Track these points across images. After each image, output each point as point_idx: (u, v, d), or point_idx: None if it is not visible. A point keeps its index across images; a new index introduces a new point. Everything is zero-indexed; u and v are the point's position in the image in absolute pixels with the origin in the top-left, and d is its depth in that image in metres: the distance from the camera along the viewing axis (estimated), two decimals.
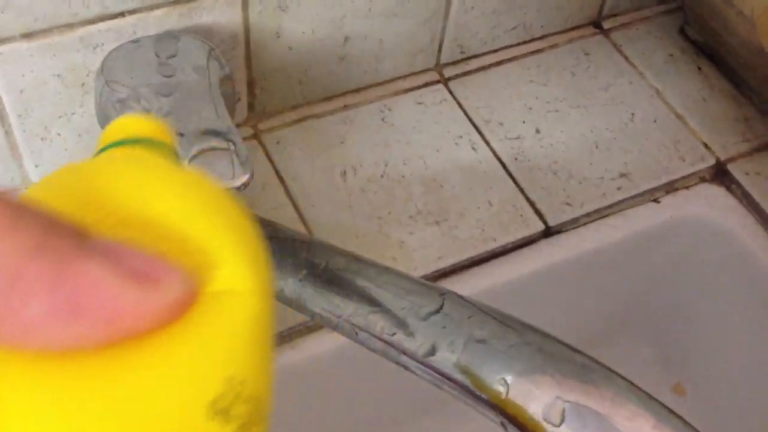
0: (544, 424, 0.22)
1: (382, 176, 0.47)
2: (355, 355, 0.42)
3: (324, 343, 0.41)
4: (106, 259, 0.14)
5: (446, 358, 0.25)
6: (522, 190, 0.47)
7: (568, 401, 0.22)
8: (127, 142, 0.22)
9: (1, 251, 0.13)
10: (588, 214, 0.47)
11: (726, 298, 0.50)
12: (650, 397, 0.22)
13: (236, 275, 0.17)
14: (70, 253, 0.14)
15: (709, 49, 0.54)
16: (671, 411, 0.22)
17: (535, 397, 0.23)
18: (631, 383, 0.23)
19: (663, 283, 0.51)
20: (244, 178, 0.28)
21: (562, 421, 0.22)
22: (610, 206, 0.47)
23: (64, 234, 0.14)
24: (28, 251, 0.13)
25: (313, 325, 0.41)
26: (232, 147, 0.29)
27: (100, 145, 0.23)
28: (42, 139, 0.42)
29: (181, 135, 0.29)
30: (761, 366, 0.49)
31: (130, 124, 0.23)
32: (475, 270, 0.44)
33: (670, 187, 0.49)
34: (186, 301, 0.15)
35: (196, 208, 0.18)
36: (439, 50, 0.51)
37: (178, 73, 0.32)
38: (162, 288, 0.14)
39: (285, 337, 0.41)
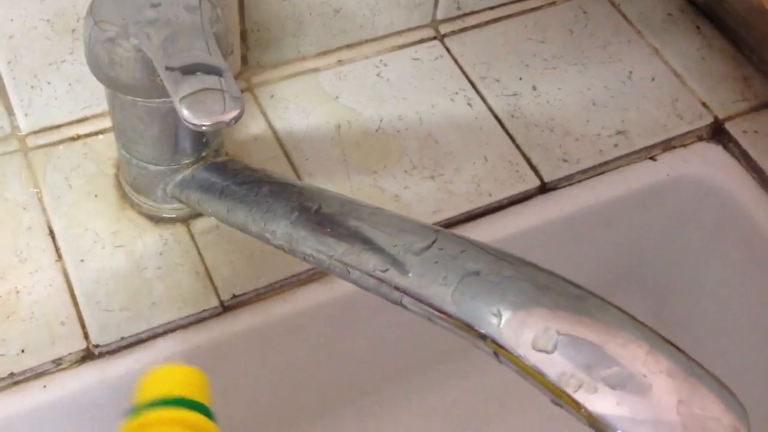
0: (537, 353, 0.22)
1: (377, 131, 0.46)
2: (347, 308, 0.42)
3: (316, 296, 0.41)
4: None
5: (440, 292, 0.25)
6: (518, 146, 0.46)
7: (562, 330, 0.22)
8: (164, 403, 0.25)
9: None
10: (584, 171, 0.46)
11: (722, 258, 0.49)
12: (644, 325, 0.22)
13: None
14: None
15: (708, 8, 0.54)
16: (665, 339, 0.22)
17: (528, 327, 0.22)
18: (625, 312, 0.22)
19: (659, 242, 0.51)
20: (235, 113, 0.28)
21: (555, 349, 0.22)
22: (607, 163, 0.47)
23: None
24: None
25: (305, 278, 0.41)
26: (223, 82, 0.28)
27: (142, 397, 0.26)
28: (32, 87, 0.41)
29: (171, 70, 0.29)
30: (757, 326, 0.49)
31: (169, 379, 0.26)
32: (471, 225, 0.44)
33: (668, 145, 0.48)
34: None
35: None
36: (436, 6, 0.50)
37: (170, 12, 0.31)
38: None
39: (276, 289, 0.41)
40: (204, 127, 0.27)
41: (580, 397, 0.21)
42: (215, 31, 0.32)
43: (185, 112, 0.28)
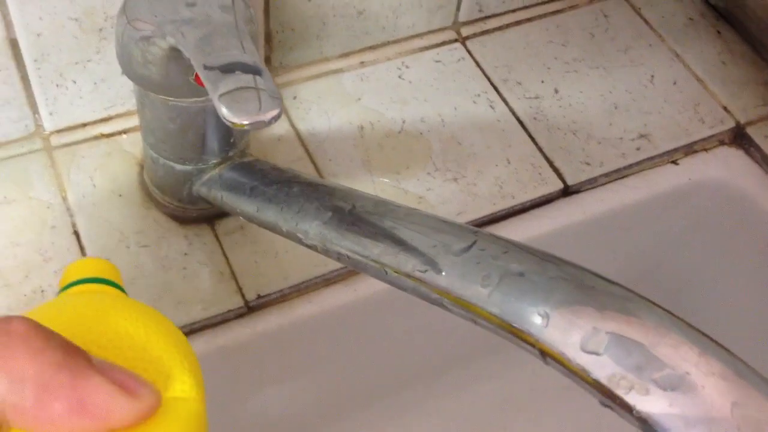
0: (586, 355, 0.22)
1: (399, 132, 0.46)
2: (371, 310, 0.42)
3: (340, 297, 0.41)
4: (104, 375, 0.20)
5: (481, 293, 0.25)
6: (540, 149, 0.46)
7: (610, 331, 0.22)
8: (86, 281, 0.30)
9: (36, 366, 0.19)
10: (607, 174, 0.46)
11: (742, 262, 0.49)
12: (692, 327, 0.22)
13: (184, 385, 0.24)
14: (81, 370, 0.20)
15: (729, 13, 0.54)
16: (715, 341, 0.22)
17: (576, 327, 0.22)
18: (673, 314, 0.22)
19: (679, 245, 0.51)
20: (274, 113, 0.27)
21: (604, 350, 0.22)
22: (629, 167, 0.47)
23: (76, 355, 0.20)
24: (54, 367, 0.20)
25: (330, 279, 0.41)
26: (260, 81, 0.28)
27: (64, 282, 0.30)
28: (57, 86, 0.41)
29: (209, 69, 0.28)
30: None
31: (87, 265, 0.30)
32: (494, 227, 0.44)
33: (690, 149, 0.48)
34: (154, 406, 0.21)
35: (151, 332, 0.25)
36: (458, 8, 0.50)
37: (204, 11, 0.31)
38: (139, 397, 0.21)
39: (302, 290, 0.40)
40: (243, 126, 0.27)
41: (631, 399, 0.21)
42: (249, 31, 0.32)
43: (224, 111, 0.28)
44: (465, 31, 0.51)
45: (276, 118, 0.28)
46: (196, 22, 0.31)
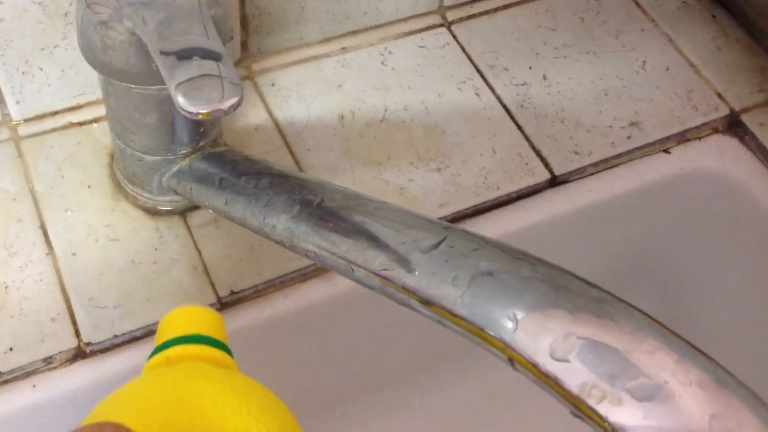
0: (557, 362, 0.20)
1: (381, 121, 0.45)
2: (350, 305, 0.41)
3: (317, 292, 0.40)
4: None
5: (450, 293, 0.23)
6: (527, 138, 0.45)
7: (583, 336, 0.20)
8: (187, 340, 0.26)
9: None
10: (596, 164, 0.45)
11: (736, 253, 0.48)
12: (671, 332, 0.20)
13: None
14: None
15: None
16: (694, 346, 0.20)
17: (547, 332, 0.21)
18: (651, 318, 0.21)
19: (672, 237, 0.49)
20: (233, 101, 0.26)
21: (576, 356, 0.20)
22: (619, 156, 0.45)
23: None
24: None
25: (307, 273, 0.40)
26: (221, 68, 0.27)
27: (161, 338, 0.27)
28: (23, 73, 0.39)
29: (166, 54, 0.27)
30: None
31: (187, 318, 0.27)
32: (478, 219, 0.42)
33: (682, 138, 0.46)
34: None
35: (262, 426, 0.22)
36: None
37: None
38: None
39: (277, 285, 0.39)
40: (200, 116, 0.26)
41: (603, 409, 0.19)
42: (213, 15, 0.30)
43: (181, 100, 0.26)
44: (450, 16, 0.49)
45: (235, 106, 0.26)
46: (157, 5, 0.29)
